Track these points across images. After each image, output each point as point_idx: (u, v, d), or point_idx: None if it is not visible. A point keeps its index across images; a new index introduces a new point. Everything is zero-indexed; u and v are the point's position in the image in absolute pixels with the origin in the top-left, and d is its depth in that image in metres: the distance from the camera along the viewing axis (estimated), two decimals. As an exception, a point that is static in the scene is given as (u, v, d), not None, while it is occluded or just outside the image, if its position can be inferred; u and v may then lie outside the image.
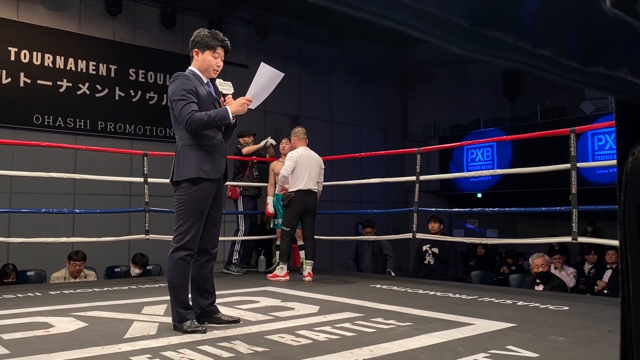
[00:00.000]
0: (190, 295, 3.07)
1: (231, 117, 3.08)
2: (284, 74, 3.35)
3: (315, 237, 5.53)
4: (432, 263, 6.54)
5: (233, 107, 3.09)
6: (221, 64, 3.18)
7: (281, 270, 5.29)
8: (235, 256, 6.08)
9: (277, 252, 6.17)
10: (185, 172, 3.00)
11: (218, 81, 3.22)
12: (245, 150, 6.29)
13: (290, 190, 5.36)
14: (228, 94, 3.19)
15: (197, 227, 3.00)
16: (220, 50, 3.13)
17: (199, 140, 3.04)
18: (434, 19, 0.36)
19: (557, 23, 0.45)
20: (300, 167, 5.36)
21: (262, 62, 3.34)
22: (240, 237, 6.14)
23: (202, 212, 3.02)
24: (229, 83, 3.25)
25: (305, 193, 5.36)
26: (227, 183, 6.15)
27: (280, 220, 5.75)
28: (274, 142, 6.37)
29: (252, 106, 3.22)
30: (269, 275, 5.39)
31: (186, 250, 2.98)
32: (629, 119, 0.58)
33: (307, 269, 5.29)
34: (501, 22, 0.40)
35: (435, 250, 6.52)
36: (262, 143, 6.35)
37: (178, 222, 3.00)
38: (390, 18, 0.36)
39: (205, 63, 3.12)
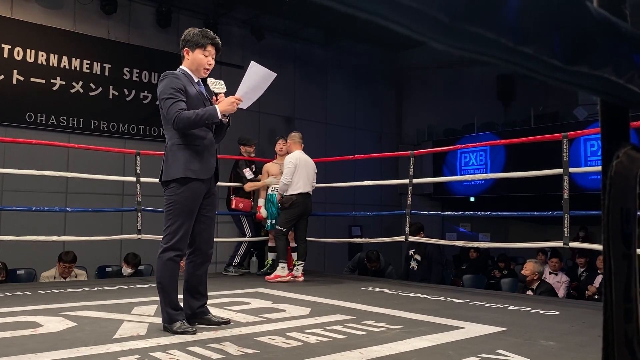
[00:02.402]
0: (181, 296, 3.05)
1: (220, 116, 3.04)
2: (276, 74, 3.28)
3: (308, 238, 5.55)
4: (415, 268, 6.70)
5: (222, 105, 3.05)
6: (212, 62, 3.14)
7: (283, 270, 5.26)
8: (237, 259, 6.08)
9: (270, 254, 6.17)
10: (173, 172, 2.97)
11: (210, 80, 3.18)
12: (247, 187, 6.18)
13: (291, 193, 5.35)
14: (220, 93, 3.15)
15: (186, 227, 2.98)
16: (210, 48, 3.10)
17: (188, 140, 3.00)
18: (412, 12, 0.36)
19: (540, 21, 0.45)
20: (299, 170, 5.39)
21: (252, 61, 3.28)
22: (247, 239, 6.13)
23: (191, 212, 2.99)
24: (221, 82, 3.21)
25: (305, 196, 5.39)
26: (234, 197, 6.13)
27: (273, 221, 5.75)
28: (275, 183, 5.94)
29: (244, 106, 3.16)
30: (268, 277, 5.35)
31: (175, 250, 2.95)
32: (613, 121, 0.58)
33: (299, 269, 5.39)
34: (482, 18, 0.40)
35: (418, 257, 6.69)
36: (267, 181, 6.03)
37: (167, 222, 2.98)
38: (369, 11, 0.36)
39: (196, 62, 3.09)
